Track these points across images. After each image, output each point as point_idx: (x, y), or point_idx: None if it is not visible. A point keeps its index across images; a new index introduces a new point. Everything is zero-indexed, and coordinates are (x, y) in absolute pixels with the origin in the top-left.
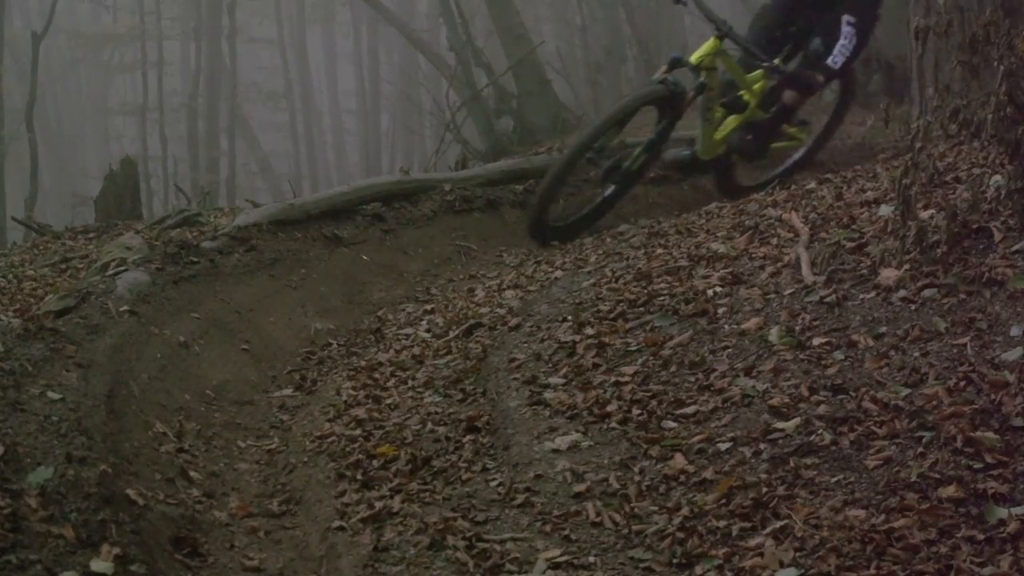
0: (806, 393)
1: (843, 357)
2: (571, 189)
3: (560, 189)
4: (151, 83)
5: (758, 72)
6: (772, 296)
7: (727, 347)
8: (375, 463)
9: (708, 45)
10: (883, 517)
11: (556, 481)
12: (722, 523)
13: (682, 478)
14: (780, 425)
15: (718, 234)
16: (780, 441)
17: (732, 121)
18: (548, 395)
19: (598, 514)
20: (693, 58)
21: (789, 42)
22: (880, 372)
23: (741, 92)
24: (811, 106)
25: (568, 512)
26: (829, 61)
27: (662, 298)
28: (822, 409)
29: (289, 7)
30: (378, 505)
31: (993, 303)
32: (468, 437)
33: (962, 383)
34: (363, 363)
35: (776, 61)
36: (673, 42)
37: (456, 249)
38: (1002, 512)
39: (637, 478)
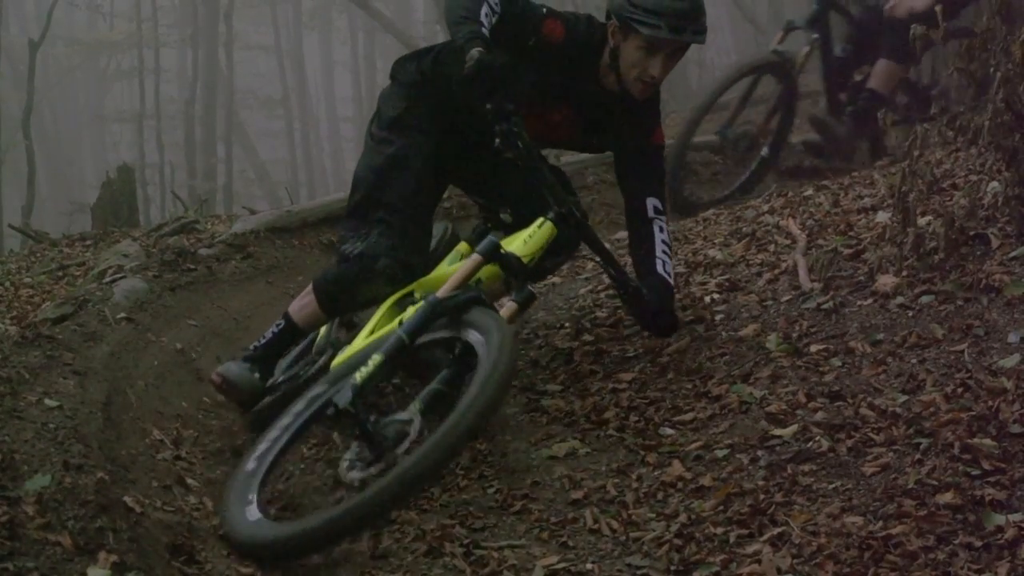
0: (803, 400)
1: (840, 364)
2: None
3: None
4: (148, 90)
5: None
6: (769, 303)
7: (724, 354)
8: None
9: (546, 231)
10: (880, 524)
11: (553, 488)
12: (720, 530)
13: (679, 485)
14: (777, 432)
15: (715, 240)
16: (778, 448)
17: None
18: (545, 402)
19: (595, 521)
20: (522, 249)
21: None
22: (877, 379)
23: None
24: None
25: (565, 519)
26: (661, 270)
27: None
28: (819, 416)
29: (286, 14)
30: None
31: (990, 310)
32: None
33: (959, 390)
34: None
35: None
36: None
37: None
38: (999, 519)
39: (635, 485)
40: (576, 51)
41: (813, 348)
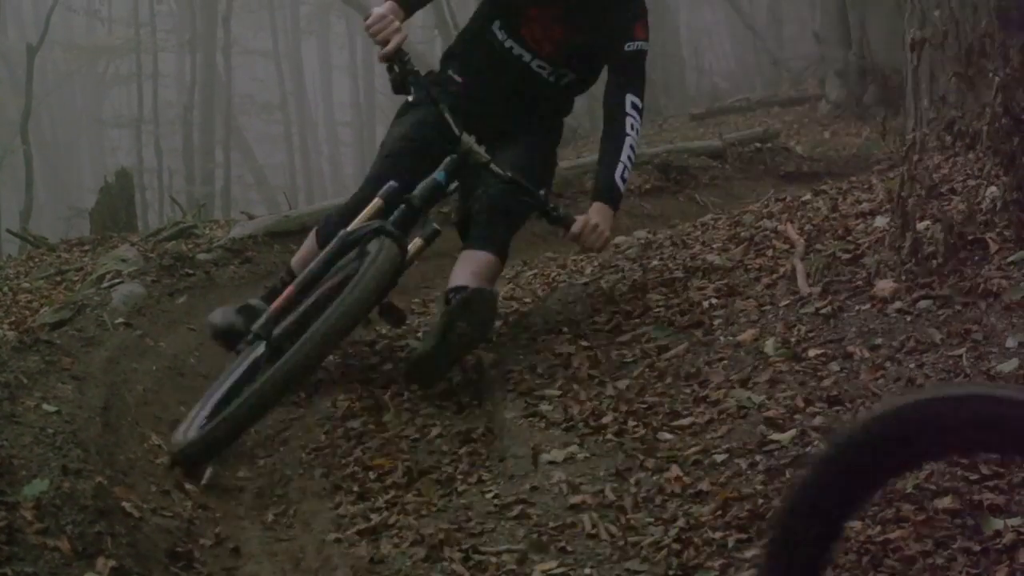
0: (802, 404)
1: (839, 368)
2: None
3: None
4: (146, 95)
5: None
6: (768, 307)
7: (723, 359)
8: (371, 475)
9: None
10: (879, 528)
11: (552, 493)
12: (718, 535)
13: (678, 490)
14: (776, 437)
15: (713, 245)
16: (776, 453)
17: None
18: (544, 407)
19: (594, 526)
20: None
21: None
22: (876, 383)
23: None
24: None
25: (564, 524)
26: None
27: (657, 310)
28: (818, 420)
29: (284, 19)
30: (374, 517)
31: (989, 314)
32: (464, 449)
33: None
34: (358, 374)
35: None
36: (668, 53)
37: (452, 260)
38: (998, 523)
39: (633, 490)
40: None
41: (811, 353)
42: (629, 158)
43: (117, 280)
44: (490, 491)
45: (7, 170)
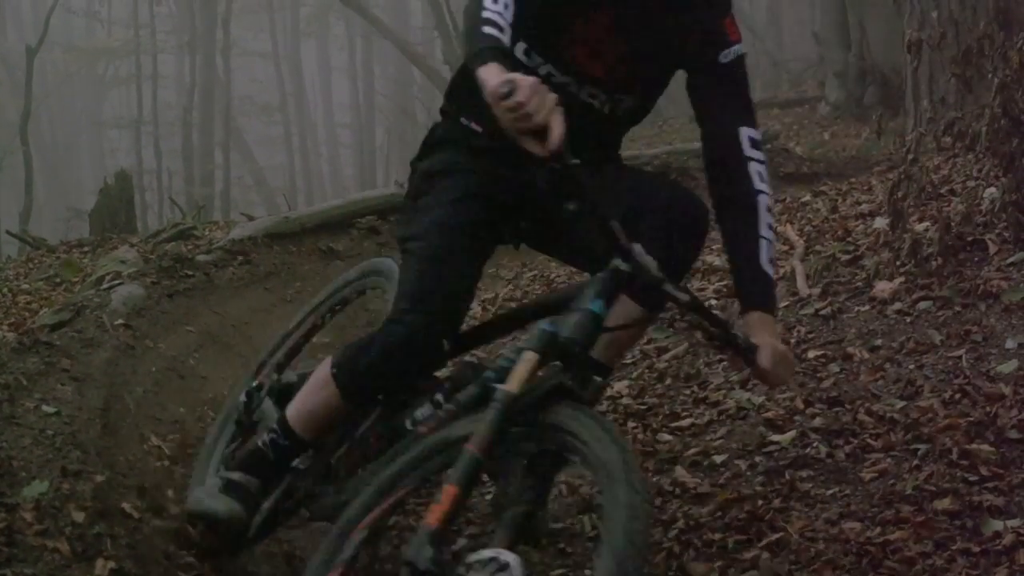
0: (801, 406)
1: (838, 370)
2: None
3: None
4: (146, 96)
5: None
6: None
7: (722, 360)
8: None
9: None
10: (878, 530)
11: (551, 494)
12: (718, 536)
13: (678, 491)
14: (776, 438)
15: (713, 247)
16: (776, 454)
17: None
18: None
19: (594, 527)
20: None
21: None
22: (875, 385)
23: None
24: None
25: (564, 524)
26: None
27: None
28: (817, 422)
29: (284, 20)
30: None
31: (988, 315)
32: None
33: (957, 395)
34: None
35: None
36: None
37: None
38: (997, 524)
39: None
40: None
41: (811, 354)
42: (770, 227)
43: (116, 281)
44: (490, 492)
45: (7, 171)
